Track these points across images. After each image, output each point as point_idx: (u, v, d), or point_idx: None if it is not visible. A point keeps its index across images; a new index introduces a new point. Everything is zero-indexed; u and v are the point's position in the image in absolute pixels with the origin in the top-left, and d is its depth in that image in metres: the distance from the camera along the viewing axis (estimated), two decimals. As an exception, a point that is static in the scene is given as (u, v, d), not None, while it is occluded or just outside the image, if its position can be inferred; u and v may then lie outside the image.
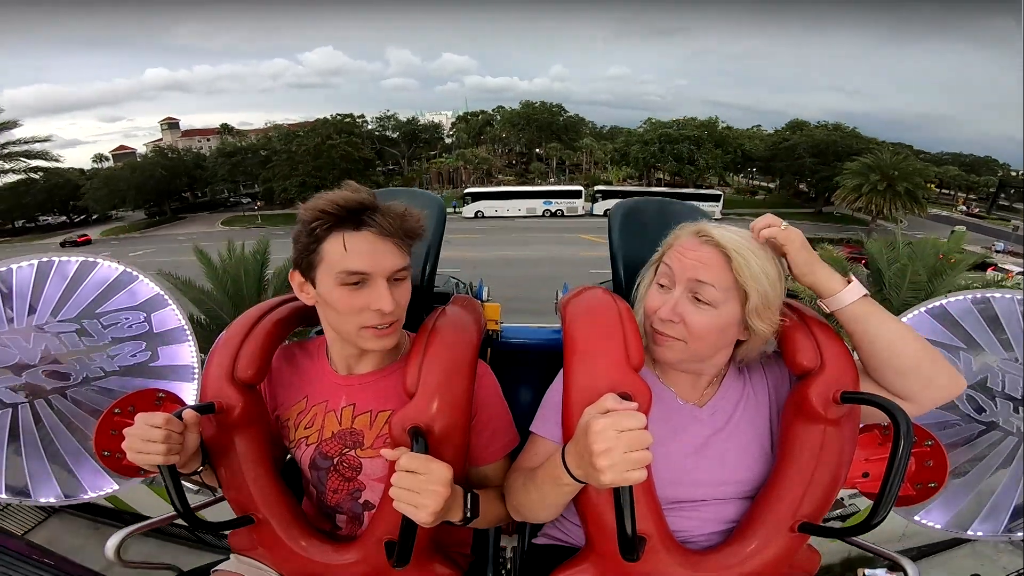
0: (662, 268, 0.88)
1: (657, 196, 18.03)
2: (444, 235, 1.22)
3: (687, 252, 0.83)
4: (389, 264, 0.83)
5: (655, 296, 0.87)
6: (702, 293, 0.81)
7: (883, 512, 0.68)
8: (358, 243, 0.81)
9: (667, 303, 0.83)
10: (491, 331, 1.39)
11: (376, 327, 0.85)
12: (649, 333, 0.87)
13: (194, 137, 48.69)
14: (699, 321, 0.81)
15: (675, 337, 0.83)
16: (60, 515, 3.25)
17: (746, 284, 0.79)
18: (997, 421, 1.08)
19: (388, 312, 0.83)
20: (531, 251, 20.79)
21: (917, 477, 1.02)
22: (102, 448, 1.08)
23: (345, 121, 40.55)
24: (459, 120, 47.65)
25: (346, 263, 0.81)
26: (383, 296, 0.83)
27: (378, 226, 0.81)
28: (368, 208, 0.82)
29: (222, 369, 0.92)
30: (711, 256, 0.81)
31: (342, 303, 0.83)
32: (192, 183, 40.34)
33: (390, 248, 0.83)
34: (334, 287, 0.83)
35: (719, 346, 0.86)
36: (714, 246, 0.81)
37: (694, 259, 0.82)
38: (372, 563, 0.87)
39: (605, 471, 0.63)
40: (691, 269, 0.82)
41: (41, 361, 1.14)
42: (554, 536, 1.01)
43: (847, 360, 0.85)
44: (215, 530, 0.92)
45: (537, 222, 31.03)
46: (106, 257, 1.24)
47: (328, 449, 0.95)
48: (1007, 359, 1.08)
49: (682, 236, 0.87)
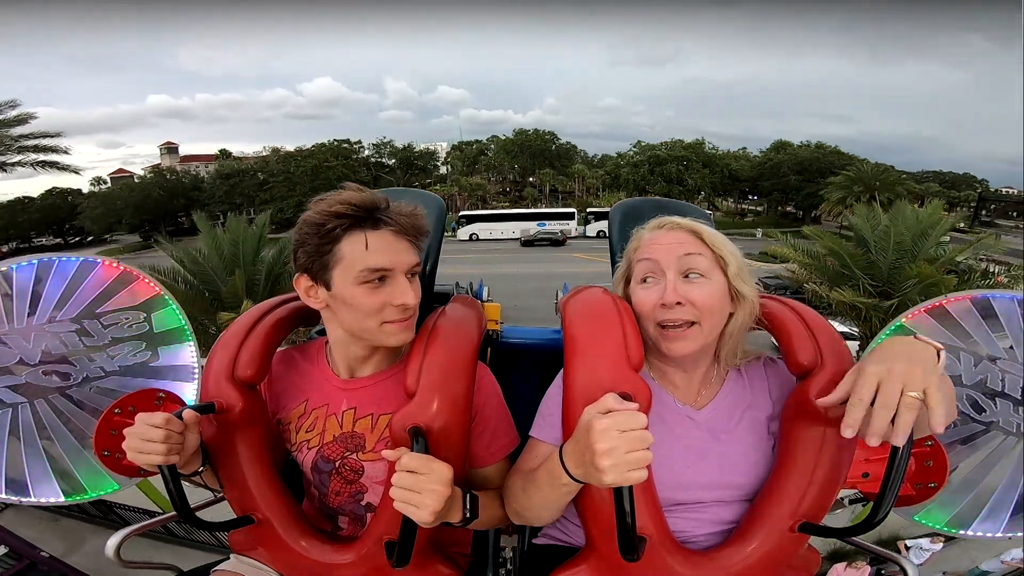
0: (641, 266, 0.89)
1: None
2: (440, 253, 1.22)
3: (662, 241, 0.87)
4: (407, 260, 0.86)
5: (646, 294, 0.87)
6: (694, 266, 0.84)
7: (883, 512, 0.68)
8: (379, 241, 0.83)
9: (666, 290, 0.84)
10: (491, 331, 1.39)
11: (397, 321, 0.87)
12: (655, 333, 0.86)
13: (192, 163, 48.29)
14: (702, 294, 0.83)
15: (687, 321, 0.83)
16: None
17: (722, 252, 0.85)
18: (997, 421, 1.08)
19: (412, 305, 0.87)
20: (527, 268, 21.12)
21: (917, 477, 1.02)
22: (102, 448, 1.08)
23: (343, 146, 40.71)
24: (454, 149, 47.80)
25: (368, 261, 0.82)
26: (406, 290, 0.86)
27: (396, 224, 0.84)
28: (383, 207, 0.85)
29: (222, 369, 0.92)
30: (684, 237, 0.86)
31: (364, 301, 0.84)
32: (189, 204, 39.64)
33: (406, 245, 0.87)
34: (354, 286, 0.84)
35: (723, 318, 0.87)
36: (680, 228, 0.87)
37: (673, 242, 0.86)
38: (372, 563, 0.87)
39: (607, 471, 0.63)
40: (674, 250, 0.85)
41: (41, 361, 1.14)
42: (554, 536, 1.01)
43: (847, 360, 0.85)
44: (215, 530, 0.92)
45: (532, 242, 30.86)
46: (106, 257, 1.24)
47: (330, 453, 0.95)
48: (1007, 359, 1.08)
49: (646, 234, 0.91)
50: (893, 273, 7.57)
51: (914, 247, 7.73)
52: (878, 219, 8.24)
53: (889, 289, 7.55)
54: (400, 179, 42.95)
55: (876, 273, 7.79)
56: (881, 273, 7.66)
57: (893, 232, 7.66)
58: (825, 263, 8.37)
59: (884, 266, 7.54)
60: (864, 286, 7.73)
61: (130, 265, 1.25)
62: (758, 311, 0.90)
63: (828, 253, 8.36)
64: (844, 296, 7.49)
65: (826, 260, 8.38)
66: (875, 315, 7.46)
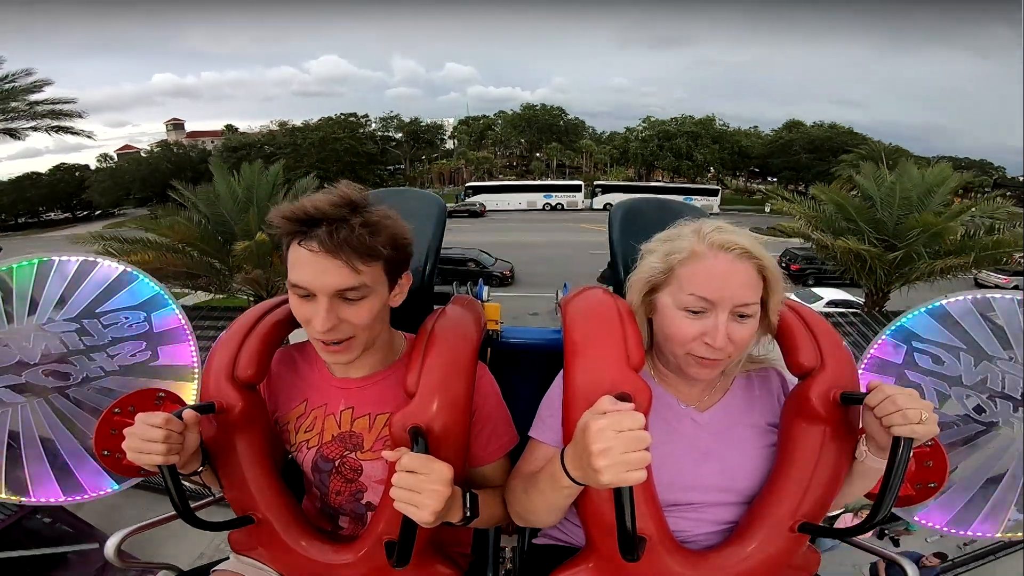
0: (690, 300, 0.79)
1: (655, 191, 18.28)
2: (444, 234, 1.23)
3: (721, 273, 0.77)
4: (331, 282, 0.78)
5: (689, 325, 0.80)
6: (747, 310, 0.79)
7: (883, 512, 0.68)
8: (302, 256, 0.79)
9: (716, 331, 0.77)
10: (491, 331, 1.39)
11: (322, 342, 0.84)
12: (684, 360, 0.83)
13: (199, 138, 48.60)
14: (744, 335, 0.80)
15: (723, 359, 0.81)
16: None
17: (775, 291, 0.81)
18: (997, 421, 1.08)
19: (321, 331, 0.80)
20: (537, 237, 22.38)
21: (917, 477, 1.02)
22: (102, 448, 1.08)
23: (350, 120, 40.88)
24: (461, 124, 48.05)
25: (292, 275, 0.81)
26: (318, 314, 0.79)
27: (322, 242, 0.77)
28: (317, 220, 0.77)
29: (222, 369, 0.92)
30: (749, 275, 0.78)
31: (296, 311, 0.84)
32: (197, 178, 40.85)
33: (337, 265, 0.78)
34: (291, 295, 0.83)
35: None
36: (748, 260, 0.78)
37: (738, 284, 0.78)
38: (372, 563, 0.86)
39: (603, 471, 0.63)
40: (737, 296, 0.77)
41: (41, 361, 1.14)
42: (554, 536, 1.01)
43: (847, 360, 0.85)
44: (215, 530, 0.92)
45: (540, 214, 32.35)
46: (106, 257, 1.24)
47: (329, 452, 0.95)
48: (1007, 359, 1.08)
49: (703, 250, 0.79)
50: (898, 228, 7.58)
51: (920, 204, 7.71)
52: (884, 178, 8.24)
53: (894, 242, 7.55)
54: (407, 152, 43.26)
55: (881, 228, 7.78)
56: (886, 228, 7.66)
57: (899, 188, 7.69)
58: (829, 215, 8.31)
59: (889, 221, 7.56)
60: (869, 239, 7.71)
61: (130, 265, 1.25)
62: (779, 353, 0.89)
63: (835, 207, 8.33)
64: (849, 243, 7.40)
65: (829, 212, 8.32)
66: (879, 266, 7.44)
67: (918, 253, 7.27)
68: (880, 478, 0.71)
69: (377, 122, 44.20)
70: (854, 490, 0.87)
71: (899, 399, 0.70)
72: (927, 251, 7.31)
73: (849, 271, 8.16)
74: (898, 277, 7.66)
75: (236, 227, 7.88)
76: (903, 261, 7.42)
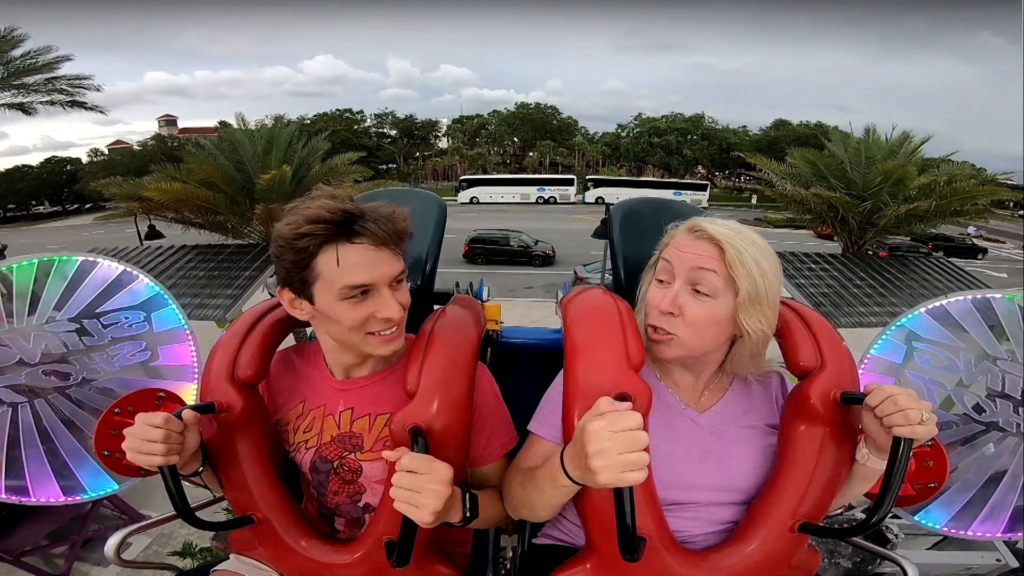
0: (661, 265, 0.89)
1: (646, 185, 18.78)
2: (445, 232, 1.23)
3: (684, 247, 0.85)
4: (388, 271, 0.82)
5: (655, 292, 0.88)
6: (703, 283, 0.82)
7: (883, 512, 0.68)
8: (355, 256, 0.79)
9: (667, 295, 0.84)
10: (491, 331, 1.39)
11: (382, 332, 0.85)
12: (648, 329, 0.88)
13: (191, 135, 48.54)
14: (697, 312, 0.82)
15: (669, 332, 0.84)
16: None
17: (737, 275, 0.80)
18: (997, 421, 1.08)
19: (397, 317, 0.84)
20: (536, 224, 23.41)
21: (917, 477, 1.02)
22: (102, 448, 1.08)
23: (345, 115, 41.04)
24: (455, 122, 48.39)
25: (347, 278, 0.79)
26: (389, 305, 0.83)
27: (372, 235, 0.79)
28: (356, 216, 0.79)
29: (222, 369, 0.92)
30: (707, 248, 0.83)
31: (347, 317, 0.82)
32: None
33: (387, 255, 0.82)
34: (336, 302, 0.81)
35: (716, 341, 0.85)
36: (708, 239, 0.83)
37: (692, 252, 0.83)
38: (372, 563, 0.86)
39: (600, 472, 0.63)
40: (690, 260, 0.83)
41: (41, 361, 1.14)
42: (554, 536, 1.01)
43: (847, 360, 0.85)
44: (215, 530, 0.92)
45: (534, 206, 33.62)
46: (106, 257, 1.24)
47: (328, 453, 0.95)
48: (1007, 359, 1.08)
49: (677, 234, 0.88)
50: (866, 182, 8.56)
51: (883, 162, 8.58)
52: (850, 141, 9.26)
53: (863, 195, 8.51)
54: (401, 149, 43.45)
55: (852, 187, 8.70)
56: (856, 185, 8.69)
57: (864, 148, 8.71)
58: (804, 175, 9.30)
59: (858, 179, 8.60)
60: (841, 193, 8.71)
61: (130, 265, 1.25)
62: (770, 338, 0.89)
63: (809, 168, 9.31)
64: (822, 191, 8.36)
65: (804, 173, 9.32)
66: (852, 215, 8.41)
67: (884, 202, 8.09)
68: (880, 478, 0.71)
69: (372, 119, 44.47)
70: (854, 490, 0.87)
71: (900, 399, 0.70)
72: (893, 200, 8.17)
73: (825, 222, 9.21)
74: (869, 226, 8.52)
75: (257, 168, 8.14)
76: (872, 210, 8.28)
